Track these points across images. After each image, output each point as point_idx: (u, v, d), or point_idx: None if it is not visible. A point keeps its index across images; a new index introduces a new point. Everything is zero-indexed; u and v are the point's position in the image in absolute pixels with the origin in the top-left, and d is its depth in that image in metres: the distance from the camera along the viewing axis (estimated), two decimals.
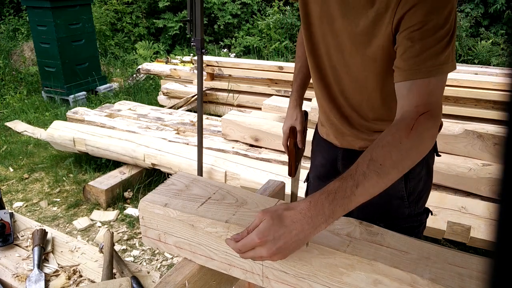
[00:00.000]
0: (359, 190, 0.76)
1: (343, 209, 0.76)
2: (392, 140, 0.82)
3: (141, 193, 3.06)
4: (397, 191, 1.13)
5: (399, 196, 1.14)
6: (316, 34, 1.10)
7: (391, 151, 0.80)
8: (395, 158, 0.80)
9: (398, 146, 0.81)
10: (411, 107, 0.86)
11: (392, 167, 0.80)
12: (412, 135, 0.82)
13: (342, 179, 0.78)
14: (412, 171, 1.07)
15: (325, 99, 1.17)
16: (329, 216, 0.75)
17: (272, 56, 6.88)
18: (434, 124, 0.85)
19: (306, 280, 0.81)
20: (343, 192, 0.76)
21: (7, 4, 7.86)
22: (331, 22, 1.03)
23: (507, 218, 0.23)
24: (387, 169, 0.79)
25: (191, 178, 1.06)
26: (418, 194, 1.17)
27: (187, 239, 0.93)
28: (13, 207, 3.01)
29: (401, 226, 1.15)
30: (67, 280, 1.35)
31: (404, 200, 1.15)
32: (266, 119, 3.26)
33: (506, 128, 0.24)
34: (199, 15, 2.41)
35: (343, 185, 0.77)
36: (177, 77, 5.03)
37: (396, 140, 0.82)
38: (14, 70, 6.21)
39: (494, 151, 2.44)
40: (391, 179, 0.81)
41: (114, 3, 7.61)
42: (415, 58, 0.87)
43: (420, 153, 0.85)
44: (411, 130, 0.82)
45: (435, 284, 0.70)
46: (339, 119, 1.17)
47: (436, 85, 0.88)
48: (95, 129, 3.40)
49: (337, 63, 1.08)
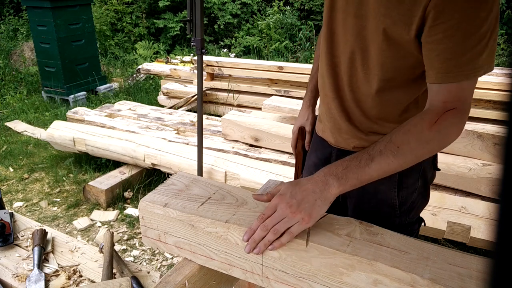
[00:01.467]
0: (373, 164, 0.82)
1: (356, 177, 0.82)
2: (414, 129, 0.84)
3: (141, 193, 3.06)
4: (388, 198, 1.11)
5: (390, 204, 1.12)
6: (338, 17, 1.03)
7: (410, 138, 0.84)
8: (413, 146, 0.84)
9: (418, 136, 0.84)
10: (439, 102, 0.87)
11: (409, 153, 0.84)
12: (434, 129, 0.83)
13: (358, 153, 0.84)
14: (405, 181, 1.08)
15: (330, 88, 1.12)
16: (341, 178, 0.81)
17: (272, 56, 6.88)
18: (461, 120, 0.86)
19: (306, 280, 0.81)
20: (358, 162, 0.82)
21: (7, 4, 7.86)
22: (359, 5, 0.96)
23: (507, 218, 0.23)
24: (404, 153, 0.83)
25: (191, 178, 1.06)
26: (411, 205, 1.14)
27: (187, 239, 0.93)
28: (13, 207, 3.01)
29: None
30: (67, 280, 1.35)
31: (395, 209, 1.12)
32: (266, 119, 3.26)
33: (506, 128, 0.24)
34: (199, 15, 2.41)
35: (358, 157, 0.83)
36: (177, 77, 5.03)
37: (418, 130, 0.84)
38: (14, 70, 6.21)
39: (494, 151, 2.44)
40: (407, 162, 0.84)
41: (114, 3, 7.61)
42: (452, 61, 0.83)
43: (440, 146, 0.87)
44: (434, 124, 0.83)
45: (435, 284, 0.70)
46: (340, 112, 1.12)
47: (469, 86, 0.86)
48: (95, 129, 3.40)
49: (353, 49, 1.01)
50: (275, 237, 0.80)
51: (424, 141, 0.84)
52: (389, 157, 0.83)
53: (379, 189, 1.09)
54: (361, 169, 0.82)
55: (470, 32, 0.80)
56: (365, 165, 0.82)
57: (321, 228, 0.85)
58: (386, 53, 0.95)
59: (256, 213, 0.91)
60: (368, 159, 0.82)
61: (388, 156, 0.83)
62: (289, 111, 3.41)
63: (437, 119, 0.84)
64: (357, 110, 1.09)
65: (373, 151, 0.84)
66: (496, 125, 2.52)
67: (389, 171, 0.84)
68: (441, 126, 0.84)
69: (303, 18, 7.73)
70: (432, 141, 0.85)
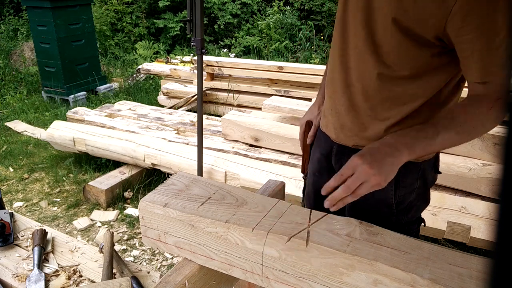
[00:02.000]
0: (439, 138, 0.88)
1: (423, 147, 0.88)
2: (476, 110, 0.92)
3: (141, 193, 3.06)
4: (386, 198, 1.10)
5: (388, 203, 1.11)
6: (350, 12, 1.03)
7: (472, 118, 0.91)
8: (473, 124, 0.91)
9: (481, 117, 0.91)
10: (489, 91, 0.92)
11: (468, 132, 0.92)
12: (491, 113, 0.91)
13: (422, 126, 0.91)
14: (403, 180, 1.08)
15: (340, 83, 1.10)
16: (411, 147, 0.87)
17: (272, 56, 6.88)
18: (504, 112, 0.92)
19: (306, 280, 0.81)
20: (425, 133, 0.89)
21: (7, 4, 7.86)
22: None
23: (507, 218, 0.23)
24: (465, 130, 0.91)
25: (191, 178, 1.06)
26: (409, 205, 1.13)
27: (187, 239, 0.93)
28: (13, 207, 3.01)
29: None
30: (67, 280, 1.35)
31: (392, 208, 1.12)
32: (266, 119, 3.26)
33: (506, 128, 0.24)
34: (199, 15, 2.41)
35: (424, 129, 0.89)
36: (177, 77, 5.03)
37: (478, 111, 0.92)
38: (14, 70, 6.21)
39: (494, 151, 2.44)
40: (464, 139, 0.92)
41: (114, 3, 7.61)
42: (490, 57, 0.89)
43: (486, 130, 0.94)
44: (491, 110, 0.91)
45: (435, 284, 0.70)
46: (347, 107, 1.11)
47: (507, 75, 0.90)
48: (95, 129, 3.40)
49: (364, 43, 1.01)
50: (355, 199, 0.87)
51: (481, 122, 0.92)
52: (452, 134, 0.89)
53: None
54: (428, 140, 0.88)
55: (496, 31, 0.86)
56: (431, 138, 0.88)
57: (321, 228, 0.85)
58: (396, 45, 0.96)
59: (256, 213, 0.91)
60: (434, 133, 0.89)
61: (451, 133, 0.89)
62: (289, 111, 3.41)
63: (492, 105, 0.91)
64: (366, 106, 1.07)
65: (439, 125, 0.90)
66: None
67: (449, 146, 0.92)
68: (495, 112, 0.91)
69: (303, 18, 7.73)
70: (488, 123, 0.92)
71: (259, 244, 0.84)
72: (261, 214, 0.90)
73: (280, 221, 0.88)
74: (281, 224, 0.87)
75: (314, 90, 4.12)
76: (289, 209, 0.93)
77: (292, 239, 0.82)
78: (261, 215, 0.90)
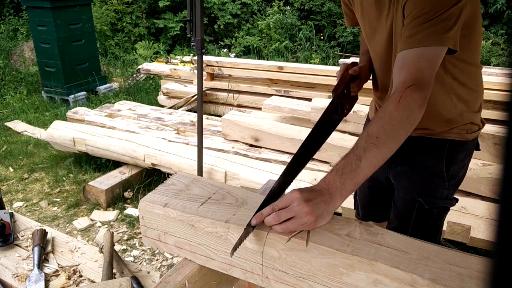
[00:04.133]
0: (362, 163, 0.85)
1: (353, 183, 0.85)
2: (383, 115, 0.91)
3: (141, 193, 3.06)
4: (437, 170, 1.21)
5: (440, 176, 1.22)
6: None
7: (383, 124, 0.90)
8: (388, 130, 0.89)
9: (389, 119, 0.90)
10: (399, 83, 0.95)
11: (388, 138, 0.88)
12: (400, 108, 0.90)
13: (347, 156, 0.88)
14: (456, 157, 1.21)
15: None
16: (341, 189, 0.85)
17: (272, 56, 6.88)
18: (421, 95, 0.93)
19: (306, 280, 0.81)
20: (349, 166, 0.86)
21: (7, 4, 7.86)
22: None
23: (507, 218, 0.23)
24: (383, 140, 0.88)
25: (191, 178, 1.06)
26: (458, 180, 1.27)
27: (187, 239, 0.93)
28: (13, 207, 3.01)
29: (437, 205, 1.25)
30: (67, 280, 1.35)
31: (445, 181, 1.22)
32: (266, 119, 3.26)
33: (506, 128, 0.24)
34: (199, 15, 2.41)
35: (348, 161, 0.87)
36: (177, 77, 5.03)
37: (387, 114, 0.91)
38: (14, 70, 6.21)
39: (494, 151, 2.44)
40: (390, 148, 0.89)
41: (114, 3, 7.61)
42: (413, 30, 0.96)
43: (411, 123, 0.92)
44: (398, 103, 0.90)
45: (435, 284, 0.70)
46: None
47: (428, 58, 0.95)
48: (95, 129, 3.40)
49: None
50: (283, 232, 0.82)
51: (396, 122, 0.90)
52: (373, 150, 0.87)
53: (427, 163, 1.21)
54: (354, 172, 0.85)
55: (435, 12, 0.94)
56: (356, 167, 0.85)
57: (321, 228, 0.85)
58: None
59: None
60: (356, 160, 0.86)
61: (372, 149, 0.87)
62: (289, 111, 3.41)
63: (400, 98, 0.91)
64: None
65: (358, 150, 0.87)
66: (496, 125, 2.52)
67: (379, 163, 0.88)
68: (405, 103, 0.90)
69: (303, 18, 7.73)
70: (402, 120, 0.90)
71: (259, 244, 0.84)
72: None
73: None
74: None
75: (314, 90, 4.12)
76: None
77: (292, 239, 0.82)
78: None
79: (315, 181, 2.53)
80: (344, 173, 0.85)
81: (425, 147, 1.23)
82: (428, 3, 0.95)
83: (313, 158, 1.42)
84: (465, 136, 1.23)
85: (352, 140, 2.77)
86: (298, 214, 0.81)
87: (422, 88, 0.93)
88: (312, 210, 0.81)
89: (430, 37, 0.94)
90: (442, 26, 0.94)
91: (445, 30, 0.94)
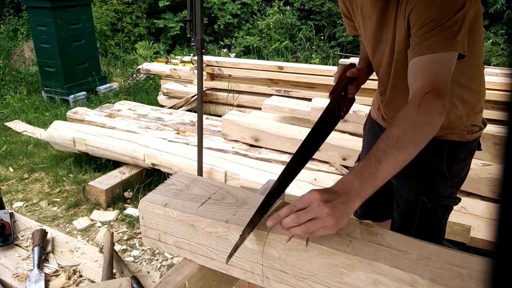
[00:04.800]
0: (382, 166, 0.84)
1: (372, 185, 0.84)
2: (404, 118, 0.91)
3: (141, 193, 3.06)
4: (439, 168, 1.23)
5: (442, 174, 1.24)
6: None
7: (404, 127, 0.90)
8: (410, 133, 0.89)
9: (410, 122, 0.90)
10: (417, 89, 0.95)
11: (409, 141, 0.88)
12: (420, 111, 0.90)
13: (366, 158, 0.87)
14: (457, 156, 1.24)
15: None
16: (360, 191, 0.83)
17: (272, 56, 6.88)
18: (441, 101, 0.93)
19: (306, 280, 0.81)
20: (369, 169, 0.85)
21: (7, 4, 7.86)
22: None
23: (507, 218, 0.23)
24: (404, 144, 0.87)
25: (191, 178, 1.06)
26: (461, 179, 1.29)
27: (187, 239, 0.93)
28: (13, 207, 3.01)
29: (440, 203, 1.26)
30: (67, 280, 1.35)
31: (447, 180, 1.24)
32: (266, 119, 3.26)
33: (506, 128, 0.24)
34: (199, 15, 2.41)
35: (367, 163, 0.86)
36: (177, 77, 5.03)
37: (407, 118, 0.91)
38: (14, 70, 6.21)
39: (494, 151, 2.44)
40: (410, 152, 0.88)
41: (114, 3, 7.61)
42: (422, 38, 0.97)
43: (432, 128, 0.92)
44: (419, 107, 0.91)
45: (435, 284, 0.70)
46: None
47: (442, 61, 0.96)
48: (95, 129, 3.40)
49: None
50: (303, 234, 0.79)
51: (417, 125, 0.90)
52: (393, 153, 0.86)
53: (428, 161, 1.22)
54: (374, 175, 0.84)
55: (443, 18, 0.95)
56: (376, 170, 0.84)
57: None
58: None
59: None
60: (376, 163, 0.84)
61: (392, 152, 0.86)
62: (289, 111, 3.41)
63: (420, 102, 0.91)
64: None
65: (378, 153, 0.86)
66: (496, 125, 2.52)
67: (398, 167, 0.87)
68: (425, 107, 0.91)
69: (303, 18, 7.73)
70: (423, 124, 0.90)
71: (259, 244, 0.84)
72: None
73: None
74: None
75: (314, 90, 4.12)
76: None
77: (292, 239, 0.82)
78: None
79: (315, 181, 2.53)
80: (363, 175, 0.83)
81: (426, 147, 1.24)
82: (434, 11, 0.96)
83: (313, 158, 1.43)
84: (466, 137, 1.24)
85: (352, 140, 2.77)
86: (319, 215, 0.78)
87: (440, 95, 0.93)
88: (332, 212, 0.78)
89: (439, 43, 0.95)
90: (450, 32, 0.95)
91: (453, 36, 0.95)
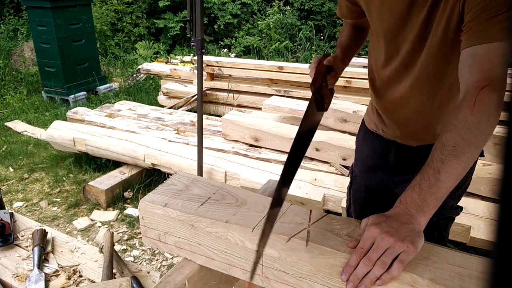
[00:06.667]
0: (442, 176, 0.79)
1: (435, 197, 0.79)
2: (458, 122, 0.83)
3: (141, 193, 3.06)
4: None
5: None
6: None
7: (460, 131, 0.82)
8: (467, 137, 0.81)
9: (465, 125, 0.82)
10: (471, 83, 0.87)
11: (467, 146, 0.81)
12: (476, 111, 0.82)
13: (422, 171, 0.81)
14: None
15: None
16: (423, 206, 0.78)
17: (272, 56, 6.88)
18: (498, 94, 0.84)
19: (306, 280, 0.81)
20: (427, 181, 0.79)
21: (7, 4, 7.86)
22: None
23: (507, 218, 0.23)
24: (462, 149, 0.80)
25: (191, 178, 1.06)
26: (464, 188, 1.25)
27: (187, 239, 0.93)
28: (13, 207, 3.01)
29: (443, 216, 1.22)
30: (67, 280, 1.35)
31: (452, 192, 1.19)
32: (266, 119, 3.26)
33: (506, 128, 0.24)
34: (199, 15, 2.41)
35: (424, 176, 0.80)
36: (177, 77, 5.03)
37: (462, 120, 0.83)
38: (14, 70, 6.21)
39: (494, 151, 2.44)
40: (471, 156, 0.82)
41: (115, 3, 7.61)
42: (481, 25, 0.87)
43: (491, 125, 0.84)
44: (474, 106, 0.82)
45: (435, 284, 0.70)
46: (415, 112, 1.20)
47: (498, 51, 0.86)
48: (95, 129, 3.40)
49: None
50: (383, 270, 0.72)
51: (474, 127, 0.82)
52: (452, 161, 0.80)
53: None
54: (435, 187, 0.79)
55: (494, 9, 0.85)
56: (436, 181, 0.79)
57: (321, 228, 0.85)
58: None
59: (256, 213, 0.91)
60: (435, 174, 0.79)
61: (451, 160, 0.80)
62: (289, 111, 3.41)
63: (475, 101, 0.83)
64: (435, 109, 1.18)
65: (434, 163, 0.81)
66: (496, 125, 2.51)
67: (460, 174, 0.82)
68: (481, 105, 0.82)
69: (303, 18, 7.73)
70: (481, 123, 0.82)
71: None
72: (261, 214, 0.90)
73: (280, 221, 0.88)
74: (281, 224, 0.87)
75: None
76: (289, 209, 0.93)
77: (292, 239, 0.82)
78: (261, 215, 0.90)
79: (315, 181, 2.52)
80: (422, 189, 0.79)
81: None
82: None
83: (313, 158, 1.42)
84: None
85: (352, 140, 2.76)
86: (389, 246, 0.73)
87: (497, 87, 0.85)
88: (398, 237, 0.73)
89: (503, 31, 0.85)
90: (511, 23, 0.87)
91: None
